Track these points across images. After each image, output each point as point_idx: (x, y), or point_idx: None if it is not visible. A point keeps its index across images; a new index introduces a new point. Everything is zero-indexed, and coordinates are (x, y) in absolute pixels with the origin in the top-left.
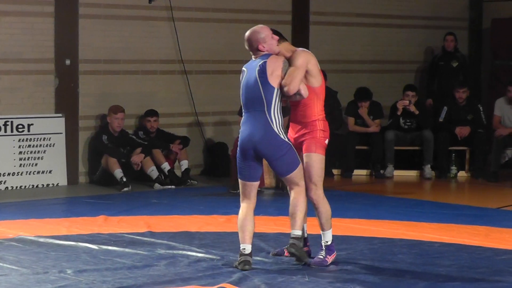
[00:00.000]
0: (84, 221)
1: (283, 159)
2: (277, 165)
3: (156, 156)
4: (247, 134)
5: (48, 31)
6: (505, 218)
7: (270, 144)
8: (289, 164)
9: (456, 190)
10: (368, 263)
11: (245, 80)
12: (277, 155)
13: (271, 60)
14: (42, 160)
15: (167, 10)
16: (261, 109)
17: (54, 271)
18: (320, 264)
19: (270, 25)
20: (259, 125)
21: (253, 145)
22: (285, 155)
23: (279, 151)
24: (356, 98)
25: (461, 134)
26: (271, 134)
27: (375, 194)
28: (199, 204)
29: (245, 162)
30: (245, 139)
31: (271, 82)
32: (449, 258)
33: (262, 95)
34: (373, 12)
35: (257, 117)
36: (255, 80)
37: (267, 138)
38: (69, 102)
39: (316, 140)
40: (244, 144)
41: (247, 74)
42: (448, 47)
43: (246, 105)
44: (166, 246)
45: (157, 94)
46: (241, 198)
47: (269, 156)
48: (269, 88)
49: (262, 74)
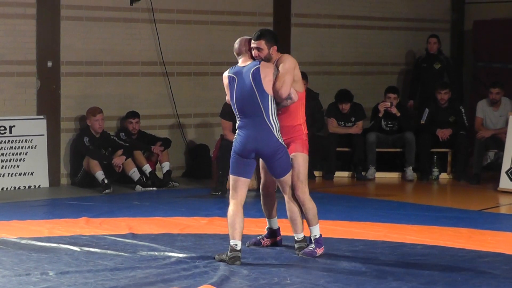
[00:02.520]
0: (66, 223)
1: (281, 161)
2: (275, 167)
3: (137, 158)
4: (249, 138)
5: (30, 33)
6: (487, 221)
7: (270, 146)
8: (285, 166)
9: (438, 192)
10: (350, 266)
11: (238, 87)
12: (276, 157)
13: (263, 65)
14: (24, 162)
15: (148, 12)
16: (259, 115)
17: (36, 273)
18: (310, 254)
19: (252, 27)
20: (260, 130)
21: (255, 148)
22: (282, 157)
23: (277, 153)
24: (337, 100)
25: (442, 136)
26: (271, 138)
27: (356, 196)
28: (181, 206)
29: (242, 160)
30: (248, 142)
31: (265, 89)
32: (431, 261)
33: (259, 102)
34: (355, 14)
35: (257, 123)
36: (250, 87)
37: (269, 142)
38: (50, 104)
39: (302, 141)
40: (246, 146)
41: (239, 81)
42: (431, 49)
43: (243, 112)
44: (148, 248)
45: (139, 96)
46: (230, 195)
47: (269, 158)
48: (265, 95)
49: (256, 80)
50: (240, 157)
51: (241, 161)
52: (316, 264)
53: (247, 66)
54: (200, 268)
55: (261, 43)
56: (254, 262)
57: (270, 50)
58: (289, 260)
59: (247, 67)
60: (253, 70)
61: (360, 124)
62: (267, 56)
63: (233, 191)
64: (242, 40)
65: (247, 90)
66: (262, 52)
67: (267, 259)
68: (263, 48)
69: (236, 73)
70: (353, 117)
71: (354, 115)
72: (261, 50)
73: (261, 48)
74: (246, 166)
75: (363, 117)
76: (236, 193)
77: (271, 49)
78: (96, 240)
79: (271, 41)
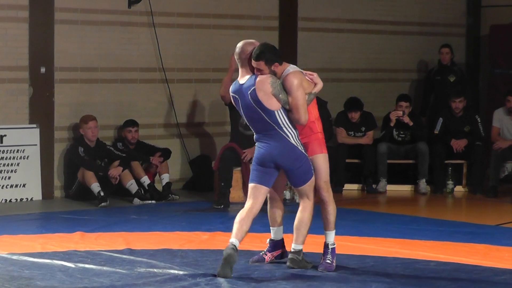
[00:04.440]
0: (59, 238)
1: (300, 170)
2: (294, 176)
3: (135, 169)
4: (266, 151)
5: (22, 38)
6: (504, 236)
7: (290, 157)
8: (304, 174)
9: (453, 206)
10: (360, 283)
11: (243, 107)
12: (296, 166)
13: (258, 86)
14: (16, 173)
15: (147, 16)
16: (272, 129)
17: None
18: (328, 268)
19: (256, 32)
20: (276, 142)
21: (273, 159)
22: (302, 166)
23: (297, 162)
24: (346, 109)
25: (457, 146)
26: (289, 148)
27: (367, 210)
28: (181, 220)
29: (263, 168)
30: (265, 154)
31: (268, 107)
32: (445, 278)
33: (266, 119)
34: (364, 18)
35: (272, 136)
36: (253, 107)
37: (286, 152)
38: (44, 112)
39: (318, 140)
40: (264, 158)
41: (241, 100)
42: (444, 60)
43: (256, 129)
44: (146, 265)
45: (137, 104)
46: (247, 199)
47: (288, 167)
48: (270, 112)
49: (256, 102)
50: (259, 167)
51: (261, 169)
52: (325, 281)
53: (245, 84)
54: (201, 286)
55: (261, 64)
56: (258, 278)
57: (272, 68)
58: (295, 278)
59: (245, 85)
60: (250, 91)
61: (370, 134)
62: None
63: (250, 199)
64: (244, 46)
65: (252, 110)
66: (263, 72)
67: (272, 275)
68: (264, 69)
69: (237, 92)
70: (363, 127)
71: (364, 125)
72: (261, 71)
73: (261, 69)
74: (266, 174)
75: (374, 127)
76: (252, 201)
77: (273, 67)
78: (92, 256)
79: (271, 59)
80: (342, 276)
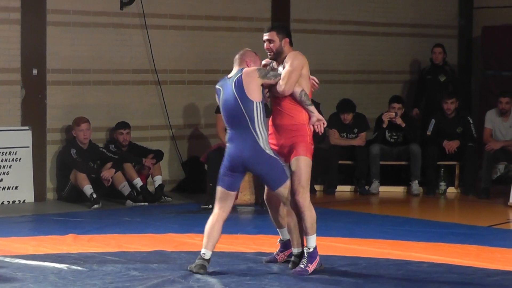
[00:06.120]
0: (52, 240)
1: (272, 174)
2: (267, 180)
3: (128, 171)
4: (236, 152)
5: (14, 39)
6: (496, 237)
7: (259, 161)
8: (277, 178)
9: (445, 207)
10: (353, 285)
11: (223, 99)
12: (266, 170)
13: (245, 74)
14: (8, 176)
15: (139, 17)
16: (245, 125)
17: None
18: (301, 274)
19: (249, 33)
20: (246, 143)
21: (242, 162)
22: (273, 169)
23: (267, 166)
24: (339, 110)
25: (449, 148)
26: (259, 151)
27: (359, 211)
28: (174, 222)
29: (231, 172)
30: (234, 156)
31: (248, 95)
32: (438, 279)
33: (243, 111)
34: (357, 20)
35: (243, 134)
36: (233, 97)
37: (255, 155)
38: (36, 114)
39: (305, 144)
40: (234, 160)
41: (224, 92)
42: (436, 60)
43: (229, 123)
44: (139, 267)
45: (129, 106)
46: (216, 205)
47: (258, 171)
48: (249, 103)
49: (239, 89)
50: (228, 170)
51: (230, 174)
52: (318, 283)
53: (232, 75)
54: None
55: (273, 34)
56: (251, 280)
57: (282, 42)
58: (288, 279)
59: (231, 76)
60: (236, 78)
61: (363, 135)
62: (279, 49)
63: (219, 202)
64: (245, 51)
65: (231, 100)
66: (274, 43)
67: (265, 277)
68: (275, 40)
69: (222, 84)
70: (356, 128)
71: (356, 126)
72: (272, 41)
73: (272, 40)
74: (235, 179)
75: (366, 128)
76: (221, 204)
77: (283, 41)
78: (84, 258)
79: (283, 33)
80: (335, 277)
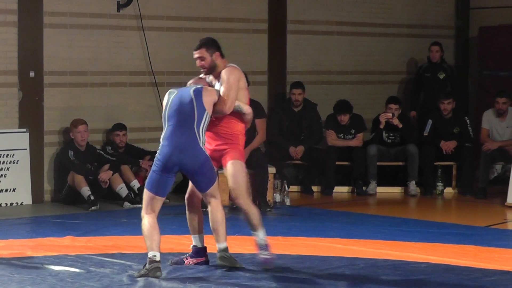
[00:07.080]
0: (50, 242)
1: (206, 175)
2: (200, 181)
3: (125, 173)
4: (174, 150)
5: (11, 42)
6: (494, 237)
7: (198, 160)
8: (210, 180)
9: (443, 208)
10: (350, 285)
11: (177, 96)
12: (202, 171)
13: (206, 88)
14: (5, 178)
15: (136, 19)
16: (191, 124)
17: None
18: (270, 262)
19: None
20: (186, 140)
21: (179, 160)
22: (208, 171)
23: (203, 167)
24: (336, 111)
25: (446, 148)
26: (197, 151)
27: (357, 212)
28: (172, 223)
29: (164, 176)
30: (172, 153)
31: (204, 102)
32: (435, 280)
33: (194, 111)
34: (354, 20)
35: (185, 132)
36: (190, 98)
37: (194, 154)
38: (33, 116)
39: (239, 151)
40: (170, 158)
41: (180, 93)
42: (434, 58)
43: (175, 119)
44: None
45: (127, 108)
46: (146, 211)
47: (194, 171)
48: (202, 108)
49: (197, 95)
50: (161, 174)
51: (161, 178)
52: (315, 283)
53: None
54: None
55: (203, 51)
56: (249, 283)
57: (213, 57)
58: (284, 280)
59: (192, 84)
60: (197, 87)
61: (360, 136)
62: (212, 64)
63: (150, 209)
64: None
65: (187, 98)
66: (205, 60)
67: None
68: (206, 57)
69: (178, 89)
70: (353, 129)
71: (354, 127)
72: (203, 58)
73: (203, 57)
74: (167, 184)
75: (364, 129)
76: (152, 211)
77: (214, 56)
78: (82, 260)
79: (212, 47)
80: (332, 278)
